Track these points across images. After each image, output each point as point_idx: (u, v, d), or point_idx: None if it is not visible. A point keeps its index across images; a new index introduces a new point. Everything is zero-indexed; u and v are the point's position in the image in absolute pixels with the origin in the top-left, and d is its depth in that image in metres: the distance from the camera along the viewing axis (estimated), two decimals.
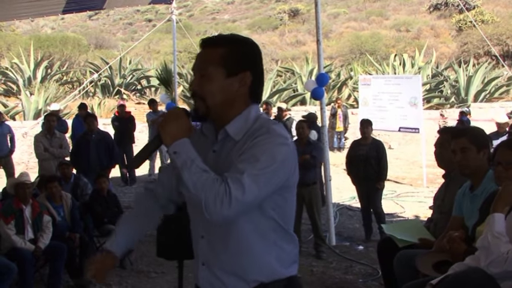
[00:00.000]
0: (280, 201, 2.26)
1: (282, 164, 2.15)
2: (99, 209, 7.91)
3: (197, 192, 2.07)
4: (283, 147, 2.18)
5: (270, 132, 2.19)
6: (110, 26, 66.86)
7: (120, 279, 7.36)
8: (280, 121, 12.41)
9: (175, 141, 2.18)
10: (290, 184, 2.27)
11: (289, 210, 2.34)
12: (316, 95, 8.99)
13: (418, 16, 50.68)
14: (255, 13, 61.60)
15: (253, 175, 2.07)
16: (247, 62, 2.30)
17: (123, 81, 26.67)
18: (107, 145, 10.26)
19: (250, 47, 2.34)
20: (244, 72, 2.27)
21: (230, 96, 2.27)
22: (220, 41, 2.32)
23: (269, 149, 2.14)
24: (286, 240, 2.33)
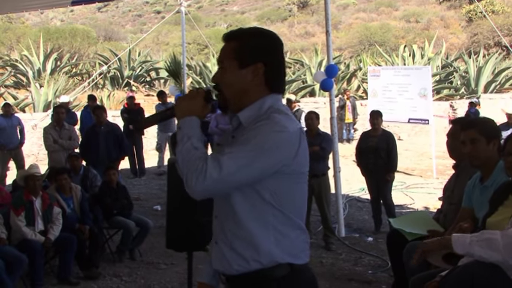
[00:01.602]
0: (276, 186, 2.29)
1: (271, 149, 2.21)
2: (109, 200, 7.93)
3: (182, 167, 2.24)
4: (278, 134, 2.23)
5: (269, 118, 2.27)
6: (119, 18, 66.90)
7: (130, 271, 7.39)
8: None
9: (183, 117, 2.37)
10: (289, 171, 2.29)
11: (290, 197, 2.35)
12: (325, 87, 8.97)
13: (427, 7, 50.42)
14: (264, 4, 61.44)
15: (234, 156, 2.19)
16: (259, 53, 2.37)
17: (132, 73, 26.68)
18: (116, 137, 10.26)
19: (263, 39, 2.42)
20: (256, 63, 2.35)
21: (244, 86, 2.37)
22: (234, 35, 2.43)
23: (262, 134, 2.22)
24: (288, 227, 2.35)
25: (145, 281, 7.06)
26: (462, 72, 25.77)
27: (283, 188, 2.31)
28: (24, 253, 6.41)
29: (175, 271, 7.29)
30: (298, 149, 2.29)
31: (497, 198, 3.48)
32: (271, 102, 2.38)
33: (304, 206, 2.43)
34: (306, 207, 2.47)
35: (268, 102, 2.38)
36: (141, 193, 12.05)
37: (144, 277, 7.20)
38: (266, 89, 2.40)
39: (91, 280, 7.02)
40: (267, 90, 2.40)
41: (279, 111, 2.33)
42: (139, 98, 19.23)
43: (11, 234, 6.75)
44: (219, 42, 27.03)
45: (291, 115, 2.39)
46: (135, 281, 7.09)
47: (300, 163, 2.33)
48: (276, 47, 2.45)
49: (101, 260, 7.55)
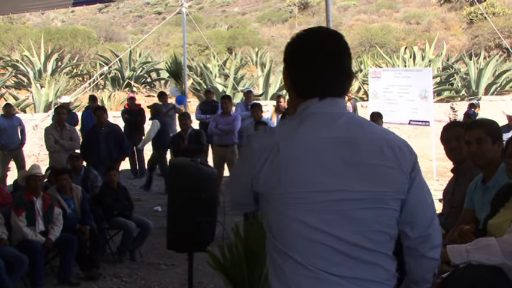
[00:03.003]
0: (263, 207, 2.12)
1: (240, 166, 2.21)
2: (109, 201, 7.94)
3: None
4: (246, 150, 2.16)
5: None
6: (120, 19, 66.92)
7: (131, 272, 7.39)
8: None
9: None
10: (260, 191, 2.08)
11: (274, 223, 2.06)
12: None
13: (428, 8, 50.41)
14: (264, 6, 61.43)
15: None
16: (285, 59, 2.22)
17: (133, 74, 26.69)
18: (117, 138, 10.26)
19: (289, 44, 2.24)
20: (285, 69, 2.22)
21: (289, 94, 2.25)
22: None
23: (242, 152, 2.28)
24: (280, 256, 2.05)
25: (145, 282, 7.06)
26: (463, 74, 25.75)
27: (267, 212, 2.09)
28: (24, 253, 6.42)
29: (175, 272, 7.30)
30: (263, 166, 2.02)
31: (499, 200, 3.48)
32: (299, 111, 2.14)
33: (286, 233, 2.03)
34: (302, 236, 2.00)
35: (299, 109, 2.15)
36: (142, 194, 12.04)
37: (145, 278, 7.20)
38: (296, 96, 2.19)
39: (91, 281, 7.03)
40: (296, 98, 2.18)
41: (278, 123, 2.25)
42: (140, 99, 19.22)
43: (11, 234, 6.76)
44: (219, 43, 27.17)
45: (301, 124, 2.08)
46: (135, 281, 7.10)
47: (268, 182, 2.02)
48: (294, 50, 2.20)
49: (101, 261, 7.56)
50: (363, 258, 2.00)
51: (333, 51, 2.14)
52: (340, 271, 1.98)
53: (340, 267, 1.98)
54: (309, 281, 1.99)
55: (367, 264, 2.01)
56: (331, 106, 2.10)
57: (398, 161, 2.05)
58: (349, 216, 1.99)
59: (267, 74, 23.15)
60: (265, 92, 22.57)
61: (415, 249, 2.18)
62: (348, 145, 2.01)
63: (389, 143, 2.07)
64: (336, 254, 1.98)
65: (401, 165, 2.06)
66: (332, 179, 1.98)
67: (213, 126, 11.21)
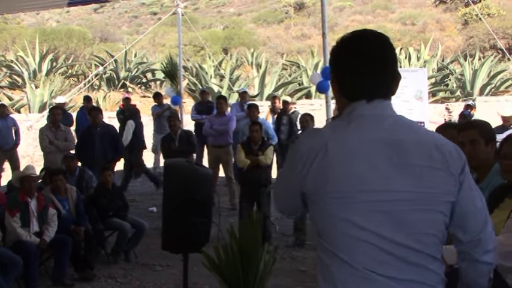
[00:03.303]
0: (310, 209, 2.10)
1: (287, 169, 2.15)
2: (104, 202, 7.92)
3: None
4: (293, 152, 2.12)
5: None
6: (115, 19, 66.79)
7: (125, 272, 7.38)
8: (285, 114, 12.38)
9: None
10: (308, 193, 2.07)
11: (322, 223, 2.07)
12: (322, 89, 8.99)
13: (423, 9, 50.45)
14: (260, 6, 61.39)
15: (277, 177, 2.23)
16: (331, 62, 2.22)
17: (128, 75, 26.65)
18: (112, 138, 10.25)
19: (335, 47, 2.21)
20: (332, 73, 2.21)
21: (337, 100, 2.23)
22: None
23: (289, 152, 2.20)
24: (328, 257, 2.06)
25: (140, 283, 7.05)
26: (458, 75, 25.80)
27: (315, 213, 2.08)
28: (19, 254, 6.40)
29: (170, 273, 7.29)
30: (310, 167, 2.02)
31: (493, 201, 3.47)
32: (347, 111, 2.14)
33: (334, 233, 2.03)
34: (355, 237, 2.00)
35: (345, 112, 2.15)
36: (137, 194, 12.02)
37: (139, 279, 7.19)
38: (344, 98, 2.17)
39: (86, 282, 7.02)
40: (344, 100, 2.17)
41: (323, 123, 2.20)
42: (135, 100, 19.18)
43: (5, 235, 6.74)
44: (215, 44, 27.18)
45: (348, 124, 2.08)
46: (130, 282, 7.09)
47: (317, 183, 2.02)
48: (340, 50, 2.19)
49: (96, 262, 7.54)
50: (411, 259, 2.00)
51: (379, 54, 2.16)
52: (387, 271, 1.98)
53: (386, 267, 1.98)
54: (356, 280, 1.99)
55: (416, 266, 2.01)
56: (379, 108, 2.13)
57: (447, 163, 2.06)
58: (396, 216, 2.00)
59: (263, 74, 23.16)
60: (261, 92, 22.57)
61: (468, 254, 2.21)
62: (394, 147, 2.02)
63: (438, 146, 2.08)
64: (383, 253, 1.98)
65: (450, 167, 2.06)
66: (379, 179, 1.99)
67: (208, 127, 11.20)
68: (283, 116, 12.36)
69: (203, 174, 5.13)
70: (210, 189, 5.31)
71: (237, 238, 4.20)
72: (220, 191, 10.98)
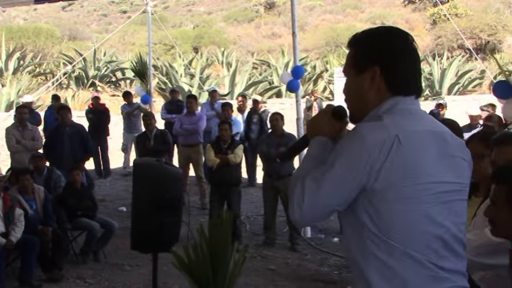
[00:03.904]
0: (370, 206, 1.98)
1: (348, 165, 1.95)
2: (73, 201, 7.83)
3: (289, 190, 2.08)
4: (356, 147, 1.95)
5: (354, 130, 2.01)
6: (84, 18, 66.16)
7: (94, 273, 7.31)
8: (255, 113, 12.39)
9: (313, 137, 2.22)
10: (378, 188, 1.95)
11: (389, 221, 1.96)
12: (292, 88, 8.99)
13: (393, 9, 50.91)
14: (230, 5, 61.35)
15: (314, 179, 1.96)
16: (374, 56, 2.13)
17: (98, 73, 26.44)
18: (81, 138, 10.14)
19: (378, 40, 2.17)
20: (371, 67, 2.11)
21: (362, 95, 2.14)
22: (352, 41, 2.26)
23: (340, 149, 1.99)
24: (392, 257, 1.97)
25: (109, 283, 7.00)
26: (426, 74, 26.04)
27: (373, 207, 1.97)
28: None
29: (140, 272, 7.24)
30: (384, 162, 1.92)
31: None
32: (387, 107, 2.08)
33: (422, 232, 1.98)
34: (430, 233, 1.99)
35: (383, 108, 2.09)
36: (106, 194, 11.93)
37: (109, 279, 7.13)
38: (386, 92, 2.11)
39: (54, 283, 6.94)
40: (387, 94, 2.11)
41: (375, 118, 2.04)
42: (104, 99, 19.03)
43: None
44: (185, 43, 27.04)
45: (403, 118, 2.03)
46: (99, 283, 7.02)
47: (392, 177, 1.94)
48: (397, 45, 2.15)
49: (64, 262, 7.45)
50: (459, 251, 2.05)
51: (417, 51, 2.21)
52: (446, 265, 1.99)
53: (445, 261, 2.00)
54: (426, 280, 1.97)
55: (462, 257, 2.07)
56: (419, 104, 2.17)
57: (468, 155, 2.18)
58: (451, 207, 2.04)
59: (233, 73, 23.15)
60: (231, 91, 22.56)
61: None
62: (440, 138, 2.07)
63: (457, 139, 2.18)
64: (444, 247, 2.00)
65: (469, 158, 2.18)
66: (439, 170, 2.01)
67: (178, 126, 11.15)
68: (254, 115, 12.37)
69: (173, 173, 5.10)
70: (180, 188, 5.27)
71: (207, 237, 4.18)
72: (191, 191, 10.95)
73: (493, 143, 3.16)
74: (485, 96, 18.66)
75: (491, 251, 2.81)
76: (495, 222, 2.49)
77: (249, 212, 10.20)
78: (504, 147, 3.05)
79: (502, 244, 2.69)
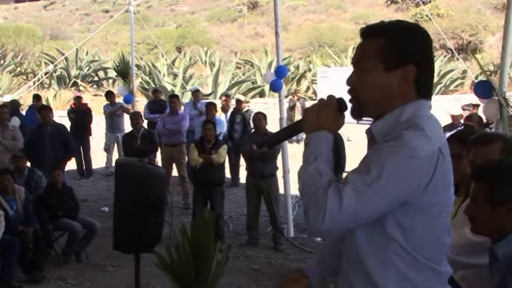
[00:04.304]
0: (405, 220, 1.90)
1: (399, 180, 1.82)
2: (54, 202, 7.76)
3: (303, 194, 1.90)
4: (408, 160, 1.82)
5: (398, 139, 1.86)
6: (66, 17, 65.72)
7: (76, 273, 7.26)
8: (238, 113, 12.37)
9: (311, 131, 2.00)
10: (421, 204, 1.88)
11: (422, 235, 1.92)
12: (275, 87, 8.98)
13: (376, 9, 51.12)
14: (214, 5, 61.26)
15: (356, 190, 1.80)
16: (410, 53, 1.98)
17: (80, 73, 26.32)
18: (63, 137, 10.07)
19: (414, 36, 2.02)
20: (405, 65, 1.97)
21: (388, 93, 1.99)
22: (380, 31, 2.02)
23: (387, 160, 1.82)
24: (415, 269, 1.95)
25: (91, 284, 6.95)
26: None
27: (410, 221, 1.91)
28: None
29: (122, 273, 7.20)
30: (432, 176, 1.86)
31: None
32: (412, 111, 1.97)
33: (433, 244, 1.97)
34: (447, 244, 2.03)
35: (408, 111, 1.97)
36: (88, 194, 11.84)
37: (91, 279, 7.08)
38: (412, 93, 2.00)
39: (34, 284, 6.88)
40: (413, 95, 2.00)
41: (415, 126, 1.89)
42: (86, 98, 18.95)
43: None
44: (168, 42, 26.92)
45: (433, 128, 1.94)
46: (81, 283, 6.97)
47: (437, 192, 1.90)
48: (427, 44, 2.04)
49: (46, 263, 7.38)
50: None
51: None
52: (449, 270, 2.07)
53: (448, 267, 2.07)
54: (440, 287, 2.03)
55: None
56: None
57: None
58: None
59: (216, 73, 23.13)
60: (215, 91, 22.54)
61: None
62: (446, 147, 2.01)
63: None
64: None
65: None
66: None
67: (161, 126, 11.11)
68: (237, 115, 12.35)
69: (155, 173, 5.08)
70: (163, 188, 5.25)
71: (189, 237, 4.15)
72: (174, 190, 10.91)
73: (470, 143, 3.16)
74: (467, 96, 18.77)
75: (472, 250, 2.82)
76: (475, 220, 2.50)
77: (232, 212, 10.18)
78: (482, 147, 3.05)
79: (482, 243, 2.71)
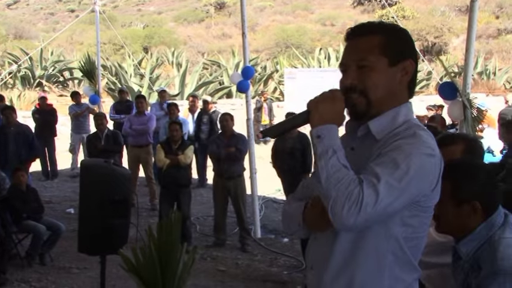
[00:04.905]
0: (410, 220, 1.97)
1: (421, 177, 1.88)
2: (18, 204, 7.65)
3: (328, 188, 1.84)
4: (429, 158, 1.90)
5: (416, 137, 1.92)
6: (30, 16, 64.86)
7: (40, 276, 7.17)
8: (206, 114, 12.36)
9: (322, 124, 1.97)
10: (425, 204, 1.96)
11: (420, 234, 2.02)
12: (242, 88, 9.00)
13: (342, 10, 51.55)
14: (181, 5, 61.10)
15: (389, 184, 1.81)
16: (407, 49, 2.08)
17: (45, 73, 25.99)
18: (26, 138, 9.95)
19: (406, 34, 2.11)
20: (405, 60, 2.05)
21: (392, 88, 2.04)
22: (374, 29, 2.07)
23: (412, 156, 1.86)
24: (406, 270, 2.02)
25: (56, 286, 6.88)
26: None
27: (414, 220, 1.98)
28: None
29: (88, 275, 7.13)
30: (439, 176, 1.97)
31: None
32: (406, 113, 2.05)
33: (422, 248, 2.10)
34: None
35: (403, 112, 2.05)
36: (54, 196, 11.71)
37: (55, 282, 7.00)
38: (406, 93, 2.09)
39: None
40: (406, 96, 2.09)
41: (419, 127, 2.00)
42: (52, 99, 18.73)
43: None
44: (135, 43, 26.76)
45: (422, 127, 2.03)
46: (45, 286, 6.89)
47: (437, 193, 2.01)
48: (414, 44, 2.14)
49: (9, 265, 7.27)
50: None
51: None
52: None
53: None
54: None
55: None
56: None
57: None
58: None
59: (183, 73, 23.05)
60: (181, 91, 22.47)
61: None
62: None
63: None
64: None
65: None
66: None
67: (127, 127, 11.04)
68: (204, 116, 12.34)
69: (121, 174, 5.04)
70: (128, 189, 5.22)
71: (156, 239, 4.14)
72: (140, 191, 10.85)
73: None
74: (432, 97, 19.05)
75: (437, 251, 2.85)
76: (440, 219, 2.54)
77: (199, 213, 10.16)
78: (444, 148, 3.09)
79: (445, 243, 2.75)
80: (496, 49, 35.27)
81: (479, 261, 2.39)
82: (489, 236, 2.42)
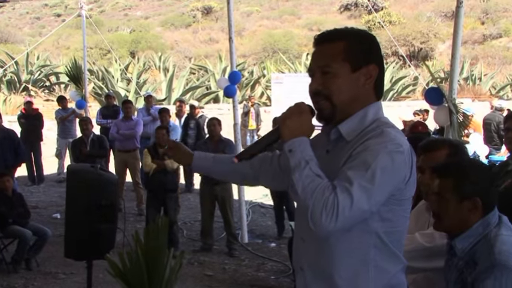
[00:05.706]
0: (387, 214, 2.04)
1: (392, 174, 1.96)
2: (3, 209, 7.60)
3: (305, 198, 1.92)
4: (397, 155, 1.97)
5: (384, 135, 2.00)
6: (16, 20, 64.48)
7: (26, 282, 7.12)
8: (192, 118, 12.36)
9: (293, 138, 2.05)
10: (401, 197, 2.05)
11: (399, 227, 2.11)
12: (229, 93, 9.01)
13: (329, 16, 51.68)
14: (167, 10, 61.00)
15: (362, 186, 1.89)
16: (372, 53, 2.16)
17: (31, 78, 25.84)
18: (12, 143, 9.89)
19: (370, 39, 2.18)
20: (368, 65, 2.12)
21: (356, 92, 2.12)
22: (339, 35, 2.16)
23: (380, 156, 1.94)
24: (390, 261, 2.12)
25: None
26: None
27: (392, 214, 2.06)
28: None
29: (74, 281, 7.10)
30: (411, 170, 2.04)
31: None
32: (374, 112, 2.14)
33: (404, 238, 2.21)
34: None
35: (371, 111, 2.13)
36: (40, 201, 11.66)
37: (41, 287, 6.96)
38: (373, 95, 2.17)
39: None
40: (373, 97, 2.17)
41: (387, 124, 2.09)
42: (38, 103, 18.62)
43: None
44: (122, 47, 26.74)
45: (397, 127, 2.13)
46: None
47: (412, 186, 2.10)
48: (379, 48, 2.21)
49: None
50: None
51: None
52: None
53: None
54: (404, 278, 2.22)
55: None
56: None
57: None
58: None
59: (170, 78, 23.03)
60: (168, 96, 22.43)
61: None
62: None
63: None
64: None
65: None
66: None
67: (114, 132, 11.02)
68: (191, 120, 12.34)
69: (108, 179, 5.03)
70: (115, 194, 5.21)
71: (143, 244, 4.13)
72: (127, 196, 10.82)
73: (419, 150, 3.22)
74: (419, 102, 19.14)
75: (424, 255, 2.87)
76: (441, 216, 2.56)
77: (186, 218, 10.15)
78: (429, 154, 3.11)
79: (432, 248, 2.78)
80: (481, 55, 35.51)
81: (475, 257, 2.43)
82: (485, 233, 2.47)
